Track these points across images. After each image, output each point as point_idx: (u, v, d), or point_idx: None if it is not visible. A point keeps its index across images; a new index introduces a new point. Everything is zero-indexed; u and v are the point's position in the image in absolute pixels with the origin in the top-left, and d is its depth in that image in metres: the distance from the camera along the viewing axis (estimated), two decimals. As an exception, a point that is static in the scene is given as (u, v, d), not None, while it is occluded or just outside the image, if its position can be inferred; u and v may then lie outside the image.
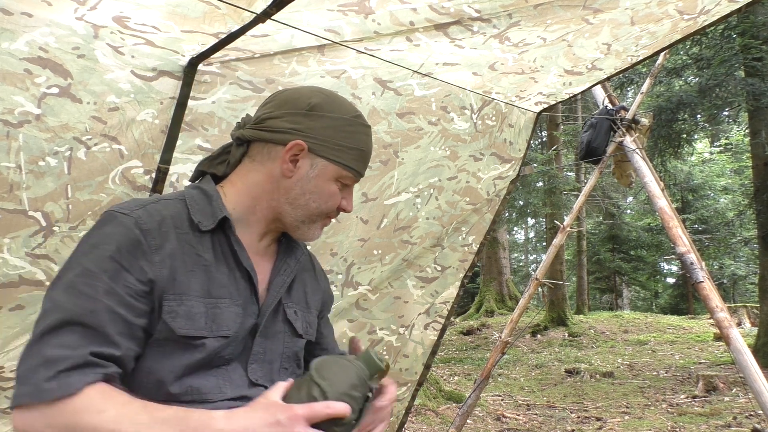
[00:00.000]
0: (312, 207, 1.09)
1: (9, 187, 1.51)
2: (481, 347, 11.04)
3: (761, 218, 8.22)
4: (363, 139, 1.11)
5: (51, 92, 1.47)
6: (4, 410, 1.75)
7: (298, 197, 1.08)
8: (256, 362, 1.06)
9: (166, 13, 1.46)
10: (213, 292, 1.01)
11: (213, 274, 1.02)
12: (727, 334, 2.90)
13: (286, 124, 1.06)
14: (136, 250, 0.95)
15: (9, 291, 1.61)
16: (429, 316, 2.73)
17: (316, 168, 1.07)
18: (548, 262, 4.34)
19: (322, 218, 1.12)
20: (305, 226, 1.11)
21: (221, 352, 1.01)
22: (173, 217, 1.01)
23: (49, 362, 0.84)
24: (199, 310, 0.98)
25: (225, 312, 1.01)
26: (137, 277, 0.94)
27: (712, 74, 7.65)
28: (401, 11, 1.60)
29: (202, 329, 0.98)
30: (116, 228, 0.96)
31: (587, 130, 4.33)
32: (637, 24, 1.84)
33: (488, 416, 6.06)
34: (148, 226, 0.97)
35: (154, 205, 1.01)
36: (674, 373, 8.00)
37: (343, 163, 1.08)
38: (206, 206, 1.05)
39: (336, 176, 1.09)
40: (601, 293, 20.88)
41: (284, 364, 1.11)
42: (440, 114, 2.23)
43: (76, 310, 0.89)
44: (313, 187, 1.08)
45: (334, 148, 1.07)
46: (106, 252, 0.93)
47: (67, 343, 0.86)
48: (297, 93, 1.10)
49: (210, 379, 1.00)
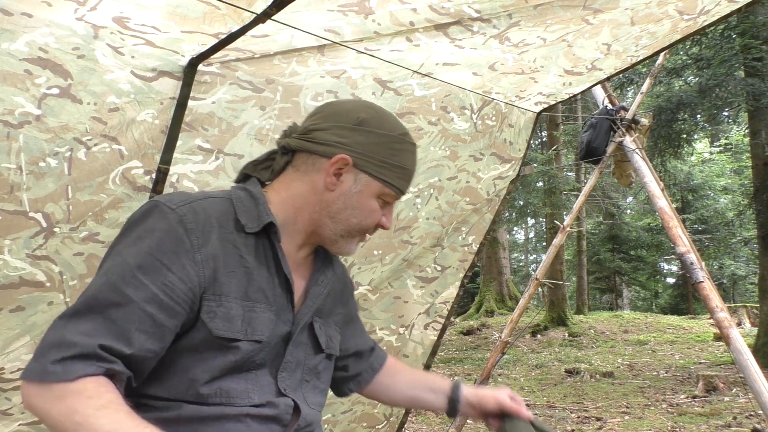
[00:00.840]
0: (352, 222, 1.08)
1: (9, 188, 1.51)
2: (481, 347, 11.04)
3: (761, 218, 8.22)
4: (408, 157, 1.10)
5: (51, 93, 1.47)
6: (5, 411, 1.75)
7: (339, 211, 1.07)
8: (286, 371, 1.06)
9: (166, 13, 1.46)
10: (250, 295, 1.00)
11: (253, 276, 1.01)
12: (727, 334, 2.90)
13: (332, 137, 1.05)
14: (179, 249, 0.94)
15: (9, 292, 1.61)
16: (429, 316, 2.73)
17: (360, 183, 1.06)
18: (548, 262, 4.34)
19: (361, 234, 1.12)
20: (343, 241, 1.10)
21: (254, 357, 1.00)
22: (219, 217, 1.00)
23: (61, 346, 0.86)
24: (237, 313, 0.98)
25: (260, 316, 1.01)
26: (179, 276, 0.93)
27: (712, 74, 7.65)
28: (401, 11, 1.60)
29: (238, 332, 0.98)
30: (160, 223, 0.95)
31: (587, 130, 4.33)
32: (637, 24, 1.84)
33: (488, 416, 6.05)
34: (192, 224, 0.96)
35: (200, 203, 1.00)
36: (674, 373, 8.00)
37: (387, 180, 1.07)
38: (252, 209, 1.04)
39: (378, 193, 1.08)
40: (601, 293, 20.88)
41: (305, 376, 1.11)
42: (440, 114, 2.23)
43: (103, 299, 0.90)
44: (355, 203, 1.07)
45: (378, 165, 1.06)
46: (146, 247, 0.93)
47: (83, 330, 0.87)
48: (345, 106, 1.10)
49: (240, 383, 0.99)
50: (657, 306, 20.77)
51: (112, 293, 0.90)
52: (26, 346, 1.70)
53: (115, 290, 0.90)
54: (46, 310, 1.70)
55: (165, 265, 0.92)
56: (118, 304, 0.89)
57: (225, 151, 1.85)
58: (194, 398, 0.96)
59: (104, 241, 1.73)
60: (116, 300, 0.89)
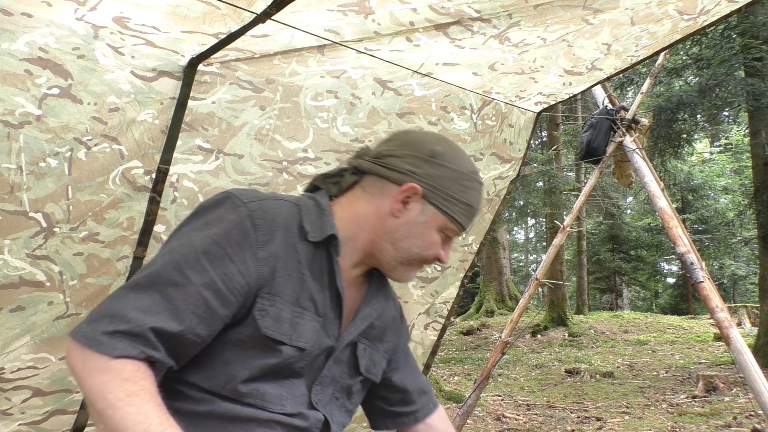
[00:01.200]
0: (413, 251, 1.09)
1: (10, 188, 1.51)
2: (481, 347, 11.04)
3: (761, 218, 8.22)
4: (476, 196, 1.11)
5: (51, 93, 1.47)
6: (5, 411, 1.75)
7: (401, 239, 1.08)
8: (320, 384, 1.07)
9: (166, 13, 1.46)
10: (301, 302, 1.01)
11: (306, 284, 1.02)
12: (727, 334, 2.90)
13: (405, 165, 1.07)
14: (244, 242, 0.95)
15: (9, 292, 1.61)
16: (429, 316, 2.74)
17: (426, 214, 1.07)
18: (548, 262, 4.34)
19: (419, 264, 1.12)
20: (402, 268, 1.11)
21: (293, 364, 1.01)
22: (286, 219, 1.02)
23: (115, 318, 0.88)
24: (286, 316, 0.99)
25: (307, 324, 1.01)
26: (239, 268, 0.94)
27: (712, 74, 7.65)
28: (401, 11, 1.60)
29: (284, 334, 0.98)
30: (230, 214, 0.97)
31: (587, 130, 4.33)
32: (637, 24, 1.84)
33: (488, 416, 6.06)
34: (260, 221, 0.98)
35: (271, 202, 1.02)
36: (674, 373, 8.00)
37: (452, 215, 1.08)
38: (318, 218, 1.05)
39: (442, 226, 1.09)
40: (601, 293, 20.88)
41: (336, 393, 1.11)
42: (440, 114, 2.23)
43: (165, 277, 0.91)
44: (418, 233, 1.08)
45: (447, 199, 1.07)
46: (214, 234, 0.95)
47: (141, 305, 0.89)
48: (422, 137, 1.12)
49: (276, 389, 1.00)
50: (657, 306, 20.77)
51: (174, 272, 0.91)
52: (26, 346, 1.70)
53: (177, 270, 0.92)
54: (46, 310, 1.70)
55: (228, 255, 0.94)
56: (178, 284, 0.91)
57: (225, 151, 1.85)
58: (230, 394, 0.97)
59: (104, 241, 1.73)
60: (177, 280, 0.91)
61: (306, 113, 1.95)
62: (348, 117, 2.03)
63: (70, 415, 1.91)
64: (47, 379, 1.78)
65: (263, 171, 1.96)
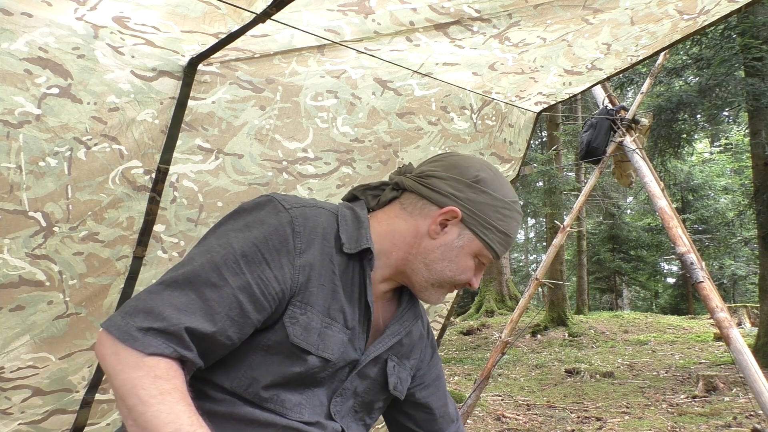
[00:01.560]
0: (446, 275, 1.09)
1: (9, 187, 1.51)
2: (481, 347, 11.04)
3: (761, 218, 8.22)
4: (513, 226, 1.11)
5: (51, 92, 1.47)
6: (5, 410, 1.75)
7: (436, 261, 1.08)
8: (341, 396, 1.07)
9: (166, 13, 1.46)
10: (331, 313, 1.01)
11: (337, 295, 1.02)
12: (727, 334, 2.90)
13: (448, 188, 1.07)
14: (282, 248, 0.96)
15: (9, 291, 1.61)
16: (429, 316, 2.74)
17: (463, 239, 1.07)
18: (548, 262, 4.34)
19: (450, 287, 1.12)
20: (433, 290, 1.11)
21: (317, 374, 1.01)
22: (324, 228, 1.02)
23: (151, 313, 0.88)
24: (316, 325, 0.99)
25: (334, 336, 1.02)
26: (275, 274, 0.95)
27: (712, 74, 7.65)
28: (401, 11, 1.60)
29: (311, 344, 0.99)
30: (271, 218, 0.97)
31: (587, 130, 4.33)
32: (637, 24, 1.84)
33: (488, 416, 6.05)
34: (300, 228, 0.98)
35: (312, 209, 1.02)
36: (674, 373, 8.00)
37: (489, 242, 1.08)
38: (354, 230, 1.06)
39: (477, 252, 1.09)
40: (601, 293, 20.88)
41: (356, 407, 1.11)
42: (440, 114, 2.23)
43: (204, 277, 0.91)
44: (453, 256, 1.08)
45: (485, 226, 1.07)
46: (253, 237, 0.95)
47: (177, 304, 0.89)
48: (467, 162, 1.11)
49: (296, 396, 1.01)
50: (657, 306, 20.77)
51: (212, 273, 0.92)
52: (26, 345, 1.70)
53: (215, 271, 0.92)
54: (46, 310, 1.70)
55: (266, 259, 0.94)
56: (215, 285, 0.91)
57: (225, 151, 1.85)
58: (252, 397, 0.97)
59: (104, 240, 1.73)
60: (214, 280, 0.91)
61: (306, 113, 1.95)
62: (348, 117, 2.04)
63: (70, 414, 1.91)
64: (47, 379, 1.78)
65: (263, 171, 1.96)
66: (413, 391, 1.25)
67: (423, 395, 1.26)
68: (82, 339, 1.81)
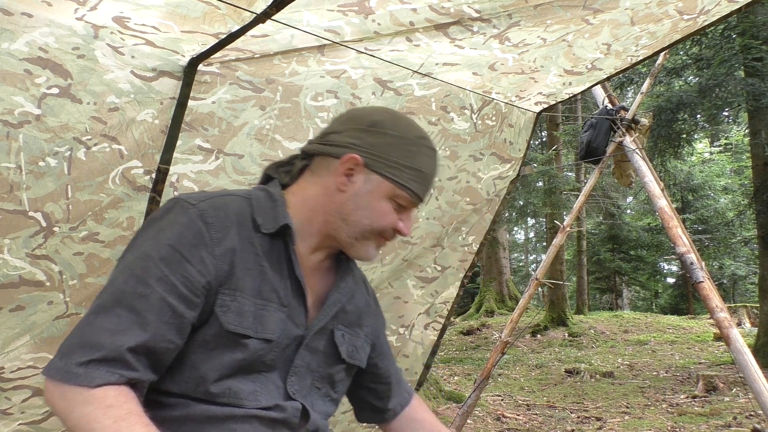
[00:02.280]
0: (364, 223, 1.07)
1: (9, 187, 1.51)
2: (481, 347, 11.04)
3: (761, 218, 8.22)
4: (424, 160, 1.08)
5: (51, 92, 1.47)
6: (5, 411, 1.75)
7: (350, 213, 1.06)
8: (295, 375, 1.06)
9: (166, 13, 1.46)
10: (263, 294, 1.01)
11: (266, 276, 1.02)
12: (727, 334, 2.90)
13: (346, 139, 1.06)
14: (199, 242, 0.96)
15: (9, 292, 1.61)
16: (429, 316, 2.73)
17: (371, 183, 1.05)
18: (548, 262, 4.34)
19: (375, 237, 1.10)
20: (359, 244, 1.09)
21: (263, 357, 1.00)
22: (237, 214, 1.02)
23: (87, 347, 0.87)
24: (249, 309, 0.99)
25: (272, 315, 1.01)
26: (197, 269, 0.95)
27: (712, 74, 7.64)
28: (401, 11, 1.60)
29: (248, 328, 0.98)
30: (180, 217, 0.97)
31: (587, 130, 4.33)
32: (637, 24, 1.84)
33: (488, 416, 6.05)
34: (212, 219, 0.98)
35: (220, 199, 1.02)
36: (674, 373, 8.00)
37: (399, 181, 1.05)
38: (270, 209, 1.05)
39: (390, 194, 1.06)
40: (601, 293, 20.88)
41: (316, 383, 1.10)
42: (440, 114, 2.23)
43: (129, 292, 0.91)
44: (365, 203, 1.06)
45: (390, 166, 1.05)
46: (167, 240, 0.95)
47: (110, 327, 0.88)
48: (363, 110, 1.11)
49: (248, 384, 1.00)
50: (657, 306, 20.77)
51: (136, 285, 0.91)
52: (26, 345, 1.70)
53: (139, 282, 0.92)
54: (46, 310, 1.70)
55: (185, 257, 0.94)
56: (142, 295, 0.91)
57: (225, 151, 1.85)
58: (203, 396, 0.96)
59: (104, 240, 1.73)
60: (141, 291, 0.91)
61: (306, 113, 1.95)
62: (348, 117, 2.03)
63: (70, 414, 1.90)
64: (47, 379, 1.78)
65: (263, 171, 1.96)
66: (375, 361, 1.25)
67: (384, 365, 1.27)
68: (82, 339, 1.81)
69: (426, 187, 1.10)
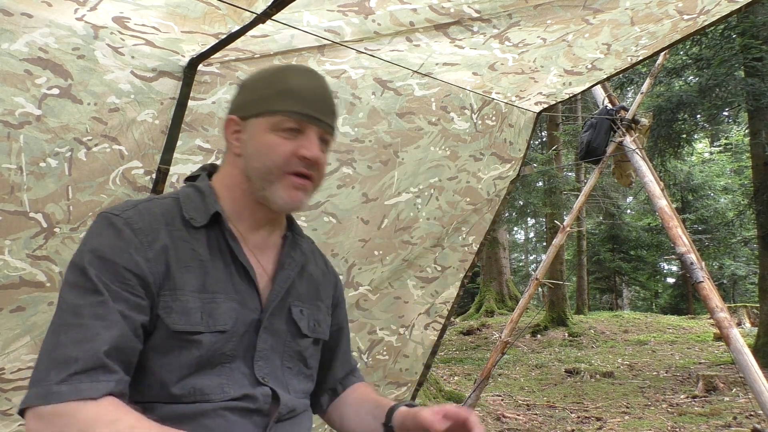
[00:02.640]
0: (258, 168, 1.03)
1: (10, 188, 1.51)
2: (481, 347, 11.04)
3: (761, 218, 8.22)
4: (292, 80, 1.04)
5: (51, 93, 1.47)
6: (5, 411, 1.75)
7: (246, 167, 1.05)
8: (261, 359, 1.04)
9: (166, 13, 1.46)
10: (209, 288, 1.00)
11: (208, 269, 1.01)
12: (727, 334, 2.90)
13: (227, 111, 1.11)
14: (129, 248, 0.95)
15: (9, 292, 1.61)
16: (429, 316, 2.73)
17: (250, 130, 1.05)
18: (548, 262, 4.34)
19: (280, 175, 1.03)
20: (268, 192, 1.04)
21: (222, 349, 0.99)
22: (164, 215, 1.02)
23: (61, 363, 0.84)
24: (195, 305, 0.98)
25: (221, 306, 1.00)
26: (134, 272, 0.94)
27: (712, 74, 7.65)
28: (401, 11, 1.60)
29: (197, 324, 0.97)
30: (107, 229, 0.97)
31: (587, 130, 4.33)
32: (637, 24, 1.84)
33: (488, 416, 6.05)
34: (139, 224, 0.98)
35: (145, 204, 1.02)
36: (674, 373, 8.00)
37: (270, 109, 1.03)
38: (200, 203, 1.05)
39: (269, 127, 1.03)
40: (601, 293, 20.87)
41: (286, 363, 1.09)
42: (440, 114, 2.23)
43: (82, 303, 0.90)
44: (252, 149, 1.04)
45: (257, 103, 1.04)
46: (100, 253, 0.94)
47: (76, 338, 0.87)
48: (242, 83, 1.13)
49: (213, 379, 0.98)
50: (657, 306, 20.77)
51: (88, 295, 0.91)
52: (26, 346, 1.70)
53: (88, 292, 0.91)
54: (47, 311, 1.70)
55: (119, 264, 0.94)
56: (98, 302, 0.90)
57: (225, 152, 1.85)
58: (169, 399, 0.96)
59: (104, 241, 1.73)
60: (92, 300, 0.90)
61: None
62: (348, 117, 2.03)
63: (71, 415, 1.90)
64: (47, 380, 1.78)
65: (263, 171, 1.96)
66: (336, 335, 1.25)
67: (336, 337, 1.26)
68: (82, 339, 1.81)
69: (308, 102, 1.04)
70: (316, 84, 1.07)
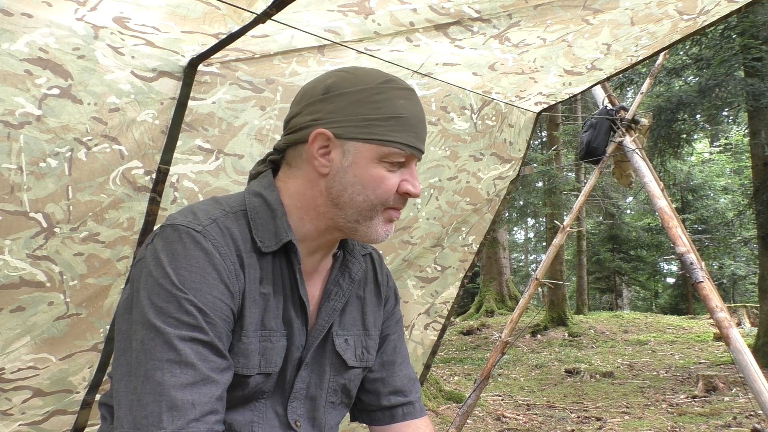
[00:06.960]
0: (359, 201, 0.92)
1: (10, 188, 1.51)
2: (481, 347, 11.04)
3: (761, 218, 8.22)
4: (400, 104, 0.91)
5: (51, 93, 1.47)
6: (5, 411, 1.75)
7: (340, 194, 0.92)
8: (297, 399, 0.98)
9: (166, 13, 1.46)
10: (267, 324, 0.92)
11: (269, 303, 0.92)
12: (726, 334, 2.90)
13: (307, 118, 0.93)
14: (221, 274, 0.86)
15: (10, 292, 1.61)
16: (429, 316, 2.74)
17: (350, 154, 0.91)
18: (548, 262, 4.34)
19: (380, 211, 0.94)
20: (363, 226, 0.94)
21: (263, 387, 0.93)
22: (240, 238, 0.90)
23: (175, 408, 0.77)
24: (254, 347, 0.90)
25: (275, 346, 0.92)
26: (226, 303, 0.87)
27: (711, 74, 7.65)
28: (401, 12, 1.60)
29: (254, 367, 0.90)
30: (196, 251, 0.85)
31: (587, 130, 4.33)
32: (636, 24, 1.84)
33: (488, 416, 6.05)
34: (224, 249, 0.87)
35: (223, 221, 0.90)
36: (674, 373, 8.00)
37: (379, 138, 0.90)
38: (269, 222, 0.93)
39: (377, 156, 0.91)
40: (601, 293, 20.88)
41: (330, 398, 1.02)
42: (440, 114, 2.23)
43: (181, 328, 0.81)
44: (352, 178, 0.91)
45: (362, 125, 0.90)
46: (190, 276, 0.84)
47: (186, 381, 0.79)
48: (314, 81, 0.96)
49: (245, 414, 0.93)
50: (657, 306, 20.77)
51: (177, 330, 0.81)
52: (27, 346, 1.70)
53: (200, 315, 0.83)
54: (47, 311, 1.70)
55: (213, 293, 0.85)
56: (210, 325, 0.83)
57: (225, 152, 1.85)
58: None
59: (104, 241, 1.73)
60: (205, 321, 0.83)
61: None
62: (348, 117, 2.03)
63: (71, 415, 1.91)
64: (47, 380, 1.78)
65: (263, 171, 1.96)
66: (381, 357, 1.13)
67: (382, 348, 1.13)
68: (82, 340, 1.81)
69: (416, 132, 0.93)
70: (419, 109, 0.95)
